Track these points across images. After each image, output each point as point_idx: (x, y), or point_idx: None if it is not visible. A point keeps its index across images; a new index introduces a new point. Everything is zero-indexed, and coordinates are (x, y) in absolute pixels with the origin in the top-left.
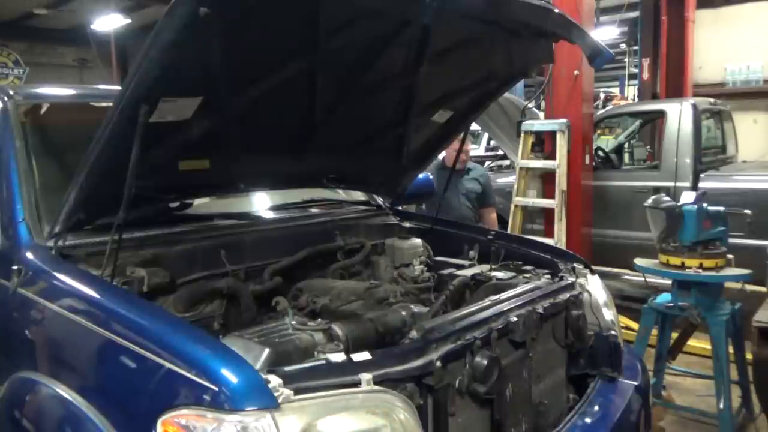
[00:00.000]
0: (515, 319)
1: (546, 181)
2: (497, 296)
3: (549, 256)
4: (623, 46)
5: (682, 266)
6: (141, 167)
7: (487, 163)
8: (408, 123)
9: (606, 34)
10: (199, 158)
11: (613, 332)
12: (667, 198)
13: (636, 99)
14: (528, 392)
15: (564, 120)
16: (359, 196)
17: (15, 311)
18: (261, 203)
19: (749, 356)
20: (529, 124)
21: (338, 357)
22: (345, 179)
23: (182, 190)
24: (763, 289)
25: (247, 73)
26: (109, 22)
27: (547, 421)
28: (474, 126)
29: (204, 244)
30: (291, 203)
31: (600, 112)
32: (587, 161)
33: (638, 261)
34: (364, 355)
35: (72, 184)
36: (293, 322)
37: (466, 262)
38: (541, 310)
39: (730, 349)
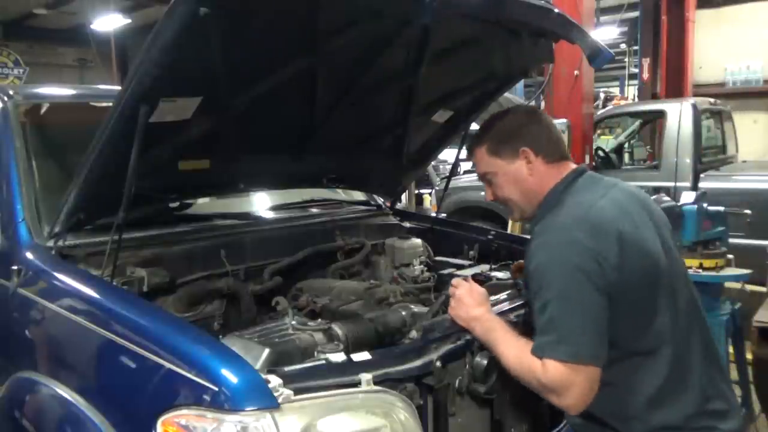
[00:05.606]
0: (515, 318)
1: None
2: (497, 296)
3: None
4: (623, 46)
5: None
6: (141, 167)
7: None
8: (408, 123)
9: (606, 34)
10: (199, 158)
11: None
12: (667, 198)
13: (636, 99)
14: (528, 392)
15: (564, 120)
16: (359, 196)
17: (15, 311)
18: (261, 203)
19: (749, 356)
20: None
21: (338, 357)
22: (345, 179)
23: (182, 190)
24: (763, 289)
25: (247, 73)
26: (109, 22)
27: (548, 421)
28: (474, 126)
29: (204, 244)
30: (291, 203)
31: (600, 112)
32: (587, 161)
33: None
34: (364, 355)
35: (72, 184)
36: (293, 322)
37: (466, 262)
38: None
39: (730, 349)
